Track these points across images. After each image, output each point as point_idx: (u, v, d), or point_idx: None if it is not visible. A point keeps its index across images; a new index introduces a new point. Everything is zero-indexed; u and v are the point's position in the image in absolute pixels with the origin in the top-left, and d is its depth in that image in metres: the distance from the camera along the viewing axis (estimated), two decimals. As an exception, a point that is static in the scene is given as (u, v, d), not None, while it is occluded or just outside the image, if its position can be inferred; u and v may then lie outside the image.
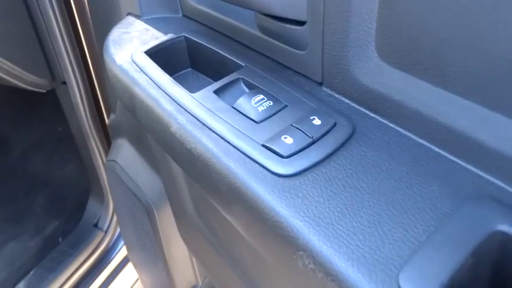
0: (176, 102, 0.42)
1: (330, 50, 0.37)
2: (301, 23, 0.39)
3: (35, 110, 1.39)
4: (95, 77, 1.10)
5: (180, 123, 0.39)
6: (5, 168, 1.51)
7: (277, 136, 0.35)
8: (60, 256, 1.25)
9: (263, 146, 0.35)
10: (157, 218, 0.77)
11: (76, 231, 1.31)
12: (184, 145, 0.39)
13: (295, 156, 0.34)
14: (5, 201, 1.32)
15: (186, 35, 0.52)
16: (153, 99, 0.43)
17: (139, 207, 0.80)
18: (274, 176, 0.33)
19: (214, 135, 0.37)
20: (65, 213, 1.37)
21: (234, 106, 0.39)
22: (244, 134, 0.36)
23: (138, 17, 0.59)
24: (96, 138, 1.17)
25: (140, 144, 0.79)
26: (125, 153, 0.83)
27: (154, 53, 0.50)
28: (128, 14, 0.61)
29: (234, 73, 0.43)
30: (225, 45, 0.49)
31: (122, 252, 1.33)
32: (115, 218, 1.33)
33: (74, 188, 1.42)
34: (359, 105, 0.38)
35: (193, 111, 0.40)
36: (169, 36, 0.52)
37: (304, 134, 0.35)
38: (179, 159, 0.42)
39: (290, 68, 0.44)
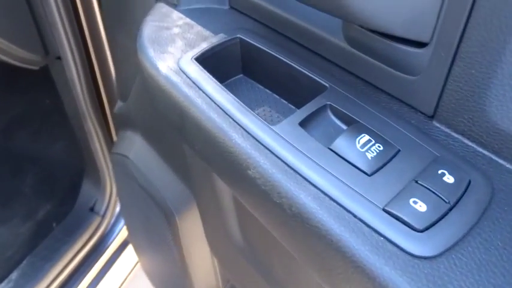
0: (252, 136, 0.34)
1: (460, 81, 0.30)
2: (419, 44, 0.31)
3: (17, 80, 1.27)
4: (93, 52, 0.99)
5: (263, 168, 0.31)
6: (-14, 144, 1.39)
7: (402, 199, 0.28)
8: (55, 243, 1.17)
9: (385, 211, 0.28)
10: (178, 224, 0.70)
11: (71, 216, 1.22)
12: (271, 197, 0.31)
13: (432, 229, 0.27)
14: (-12, 182, 1.23)
15: (241, 36, 0.43)
16: (219, 129, 0.35)
17: (156, 210, 0.72)
18: (408, 256, 0.26)
19: (314, 189, 0.30)
20: (57, 195, 1.28)
21: (332, 148, 0.32)
22: (357, 192, 0.29)
23: (173, 6, 0.49)
24: (94, 118, 1.06)
25: (159, 144, 0.70)
26: (139, 149, 0.74)
27: (205, 59, 0.41)
28: (158, 0, 0.51)
29: (318, 98, 0.35)
30: (293, 53, 0.40)
31: (120, 236, 1.26)
32: (112, 201, 1.24)
33: (66, 169, 1.32)
34: (491, 152, 0.30)
35: (279, 152, 0.32)
36: (221, 37, 0.43)
37: (438, 197, 0.28)
38: (258, 208, 0.35)
39: (385, 92, 0.36)
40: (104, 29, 0.92)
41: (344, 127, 0.34)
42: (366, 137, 0.31)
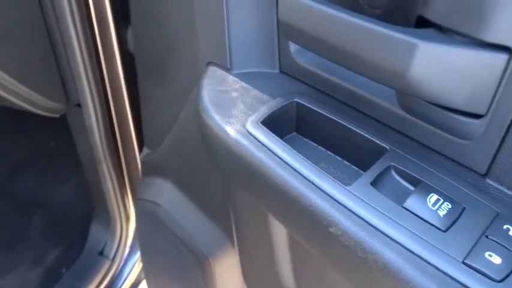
0: (329, 195, 0.38)
1: (513, 148, 0.35)
2: (475, 115, 0.37)
3: (22, 122, 1.28)
4: (112, 100, 1.02)
5: (345, 226, 0.35)
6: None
7: (478, 252, 0.32)
8: (65, 289, 1.16)
9: (465, 264, 0.32)
10: (213, 268, 0.72)
11: (80, 261, 1.22)
12: (355, 252, 0.35)
13: (507, 279, 0.31)
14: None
15: (298, 100, 0.47)
16: (295, 189, 0.39)
17: (188, 256, 0.75)
18: (491, 305, 0.30)
19: (396, 245, 0.34)
20: (66, 239, 1.28)
21: (406, 207, 0.36)
22: (435, 247, 0.33)
23: (226, 69, 0.53)
24: (109, 162, 1.08)
25: (195, 192, 0.73)
26: (170, 196, 0.77)
27: (267, 122, 0.45)
28: (209, 63, 0.55)
29: (381, 160, 0.40)
30: (347, 115, 0.45)
31: (129, 279, 1.26)
32: (122, 243, 1.25)
33: (74, 212, 1.32)
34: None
35: (358, 211, 0.36)
36: (279, 101, 0.47)
37: (509, 251, 0.32)
38: (334, 260, 0.38)
39: (439, 153, 0.41)
40: (123, 77, 0.96)
41: (409, 186, 0.38)
42: (435, 196, 0.36)
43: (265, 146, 0.43)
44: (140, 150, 1.06)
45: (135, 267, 1.28)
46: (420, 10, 0.37)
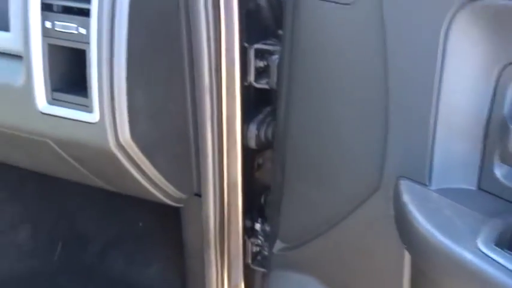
0: None
1: None
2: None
3: (111, 201, 1.31)
4: (227, 191, 1.06)
5: None
6: (83, 266, 1.40)
7: None
8: None
9: None
10: None
11: None
12: None
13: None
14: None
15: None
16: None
17: None
18: None
19: None
20: (157, 324, 1.26)
21: None
22: None
23: (422, 185, 0.57)
24: (218, 249, 1.10)
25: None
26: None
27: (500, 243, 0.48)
28: (400, 177, 0.59)
29: None
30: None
31: None
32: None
33: (164, 294, 1.32)
34: None
35: None
36: (501, 221, 0.50)
37: None
38: None
39: None
40: (241, 170, 1.00)
41: None
42: None
43: (507, 269, 0.45)
44: (244, 238, 1.08)
45: None
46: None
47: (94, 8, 0.62)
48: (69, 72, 0.72)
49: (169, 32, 0.77)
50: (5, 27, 0.70)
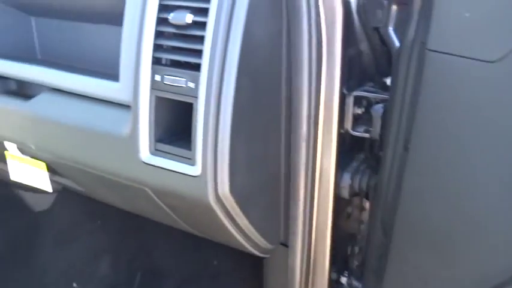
0: None
1: None
2: None
3: (187, 240, 1.30)
4: (314, 241, 1.01)
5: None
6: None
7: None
8: None
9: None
10: None
11: None
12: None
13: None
14: None
15: None
16: None
17: None
18: None
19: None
20: None
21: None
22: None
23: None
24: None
25: None
26: None
27: None
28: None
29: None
30: None
31: None
32: None
33: None
34: None
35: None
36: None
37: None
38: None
39: None
40: (331, 220, 0.95)
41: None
42: None
43: None
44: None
45: None
46: None
47: (205, 63, 0.62)
48: (172, 124, 0.72)
49: (270, 84, 0.75)
50: (115, 78, 0.72)
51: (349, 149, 0.94)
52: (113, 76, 0.73)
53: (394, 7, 0.69)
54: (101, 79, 0.74)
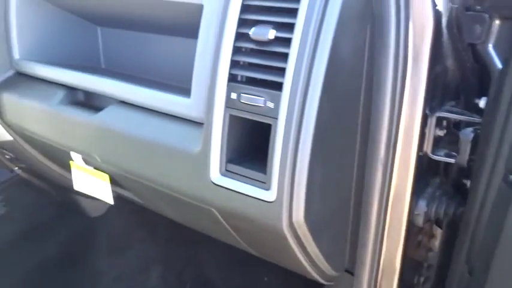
0: None
1: None
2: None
3: (235, 255, 1.25)
4: (382, 269, 0.94)
5: None
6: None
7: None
8: None
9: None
10: None
11: None
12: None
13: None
14: None
15: None
16: None
17: None
18: None
19: None
20: None
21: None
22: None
23: None
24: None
25: None
26: None
27: None
28: None
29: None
30: None
31: None
32: None
33: None
34: None
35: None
36: None
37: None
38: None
39: None
40: (402, 248, 0.88)
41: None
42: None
43: None
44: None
45: None
46: None
47: (287, 82, 0.57)
48: (243, 144, 0.68)
49: (349, 103, 0.70)
50: (187, 93, 0.69)
51: (424, 173, 0.87)
52: (178, 89, 0.70)
53: (497, 22, 0.62)
54: (172, 94, 0.71)
